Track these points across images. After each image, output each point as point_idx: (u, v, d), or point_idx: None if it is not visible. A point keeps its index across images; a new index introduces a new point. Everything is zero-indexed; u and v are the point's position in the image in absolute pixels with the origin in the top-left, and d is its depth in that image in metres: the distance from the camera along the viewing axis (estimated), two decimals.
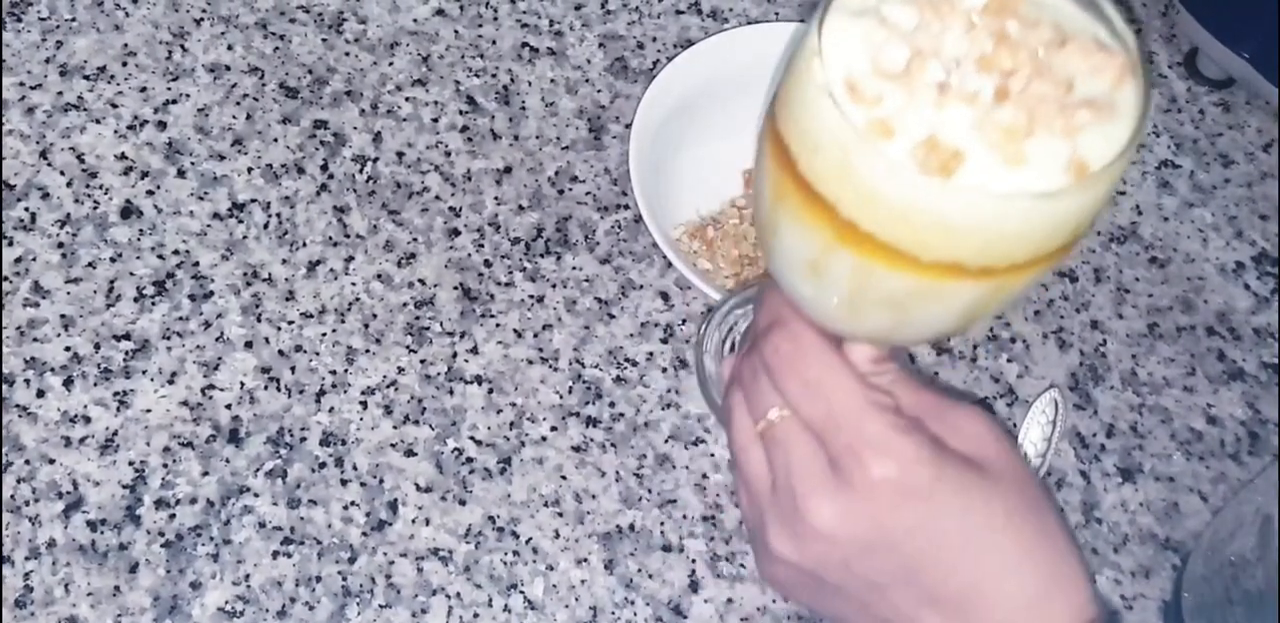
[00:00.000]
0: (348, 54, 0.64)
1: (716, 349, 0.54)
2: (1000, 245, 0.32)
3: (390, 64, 0.64)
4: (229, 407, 0.54)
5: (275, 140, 0.61)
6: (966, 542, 0.37)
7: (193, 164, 0.59)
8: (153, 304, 0.56)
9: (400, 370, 0.56)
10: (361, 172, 0.60)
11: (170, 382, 0.54)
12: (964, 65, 0.32)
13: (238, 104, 0.61)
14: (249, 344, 0.55)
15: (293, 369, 0.55)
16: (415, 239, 0.59)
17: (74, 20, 0.62)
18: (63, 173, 0.58)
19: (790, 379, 0.38)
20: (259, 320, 0.56)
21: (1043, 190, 0.31)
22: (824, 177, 0.32)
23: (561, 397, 0.56)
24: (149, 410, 0.53)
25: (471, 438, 0.55)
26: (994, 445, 0.39)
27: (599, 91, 0.65)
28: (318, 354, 0.56)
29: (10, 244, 0.56)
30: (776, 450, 0.39)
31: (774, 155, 0.34)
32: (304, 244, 0.58)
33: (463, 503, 0.53)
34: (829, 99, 0.31)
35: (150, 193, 0.58)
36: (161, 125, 0.60)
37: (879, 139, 0.31)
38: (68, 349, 0.54)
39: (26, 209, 0.57)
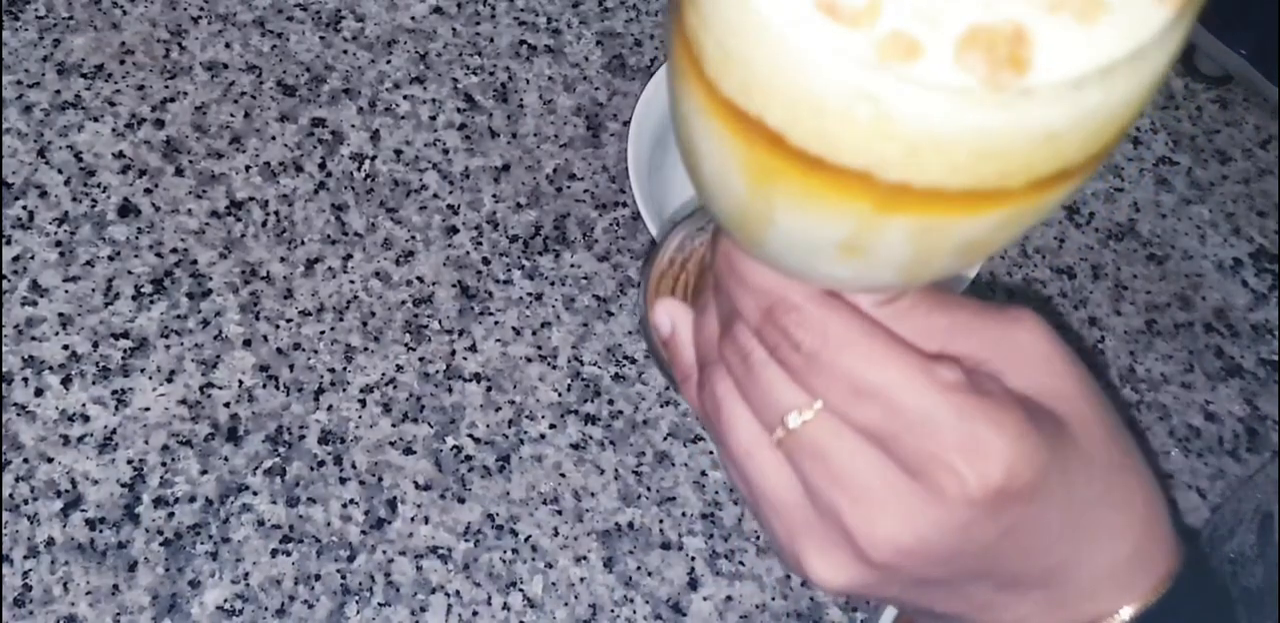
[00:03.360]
0: (345, 52, 0.64)
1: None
2: (1112, 126, 0.24)
3: (388, 62, 0.64)
4: (227, 405, 0.54)
5: (273, 138, 0.60)
6: (1063, 525, 0.32)
7: (191, 162, 0.59)
8: (151, 302, 0.56)
9: (399, 368, 0.56)
10: (359, 169, 0.60)
11: (169, 380, 0.54)
12: None
13: (235, 102, 0.61)
14: (247, 342, 0.55)
15: (291, 367, 0.55)
16: (413, 237, 0.59)
17: (71, 18, 0.62)
18: (60, 171, 0.58)
19: (831, 383, 0.30)
20: (257, 319, 0.56)
21: (1147, 39, 0.22)
22: (844, 141, 0.23)
23: (560, 394, 0.56)
24: (147, 409, 0.53)
25: (470, 436, 0.55)
26: (1067, 372, 0.33)
27: (597, 89, 0.65)
28: (316, 352, 0.56)
29: (8, 243, 0.56)
30: (812, 463, 0.31)
31: (734, 132, 0.25)
32: (302, 242, 0.58)
33: (462, 501, 0.53)
34: (807, 38, 0.22)
35: (148, 191, 0.58)
36: (159, 123, 0.60)
37: (904, 63, 0.22)
38: (66, 348, 0.54)
39: (24, 207, 0.57)
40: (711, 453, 0.56)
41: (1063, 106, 0.22)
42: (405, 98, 0.63)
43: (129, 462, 0.52)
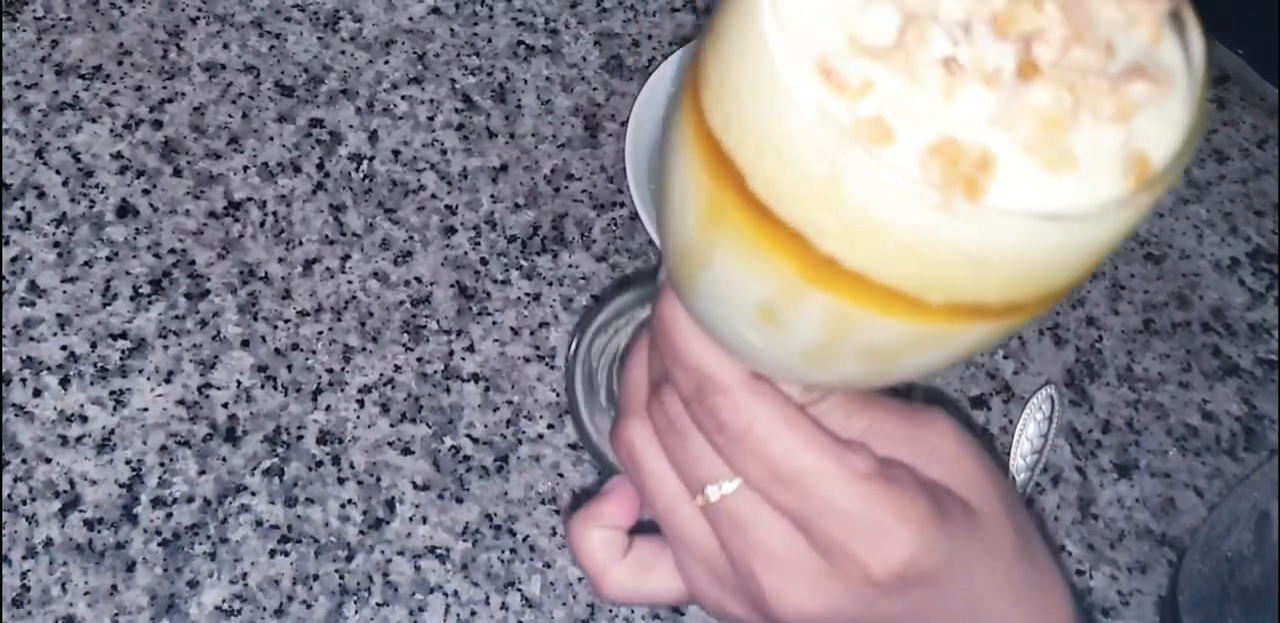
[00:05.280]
0: (343, 52, 0.64)
1: (593, 373, 0.48)
2: (1039, 278, 0.25)
3: (386, 62, 0.64)
4: (226, 405, 0.54)
5: (271, 139, 0.61)
6: (966, 609, 0.34)
7: (189, 163, 0.59)
8: (149, 303, 0.56)
9: (397, 368, 0.56)
10: (357, 170, 0.60)
11: (167, 381, 0.54)
12: (974, 30, 0.23)
13: (233, 103, 0.61)
14: (245, 343, 0.55)
15: (289, 368, 0.55)
16: (411, 237, 0.59)
17: (69, 19, 0.62)
18: (59, 172, 0.58)
19: (752, 466, 0.32)
20: (255, 319, 0.56)
21: (1104, 202, 0.23)
22: (793, 198, 0.24)
23: (558, 394, 0.56)
24: (146, 409, 0.53)
25: (468, 436, 0.55)
26: (975, 470, 0.35)
27: (595, 89, 0.65)
28: (314, 353, 0.56)
29: (6, 243, 0.56)
30: (730, 531, 0.33)
31: (705, 163, 0.25)
32: (300, 243, 0.58)
33: (460, 501, 0.54)
34: (798, 88, 0.23)
35: (146, 192, 0.58)
36: (157, 124, 0.60)
37: (874, 145, 0.23)
38: (64, 348, 0.54)
39: (23, 208, 0.57)
40: None
41: (994, 234, 0.23)
42: (403, 98, 0.63)
43: (127, 462, 0.52)
